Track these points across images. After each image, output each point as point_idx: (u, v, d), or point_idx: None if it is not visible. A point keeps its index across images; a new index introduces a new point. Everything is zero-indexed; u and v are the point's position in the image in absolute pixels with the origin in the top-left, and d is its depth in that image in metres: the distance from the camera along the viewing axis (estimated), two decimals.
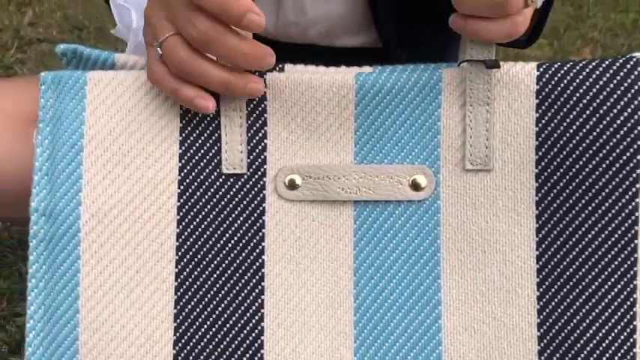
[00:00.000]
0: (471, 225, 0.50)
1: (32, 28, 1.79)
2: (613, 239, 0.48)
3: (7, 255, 1.02)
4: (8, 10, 1.85)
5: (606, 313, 0.49)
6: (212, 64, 0.49)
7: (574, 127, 0.49)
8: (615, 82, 0.48)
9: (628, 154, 0.48)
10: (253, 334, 0.51)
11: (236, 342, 0.51)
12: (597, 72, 0.49)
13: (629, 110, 0.48)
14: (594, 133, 0.48)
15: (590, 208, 0.49)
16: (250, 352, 0.51)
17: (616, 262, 0.48)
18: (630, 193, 0.48)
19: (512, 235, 0.50)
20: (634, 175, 0.48)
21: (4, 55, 1.67)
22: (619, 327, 0.48)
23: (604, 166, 0.48)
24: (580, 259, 0.49)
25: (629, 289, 0.48)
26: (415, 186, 0.50)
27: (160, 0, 0.50)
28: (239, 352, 0.51)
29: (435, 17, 0.75)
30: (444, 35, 0.82)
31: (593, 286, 0.49)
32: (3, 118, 0.80)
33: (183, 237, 0.51)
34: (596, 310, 0.49)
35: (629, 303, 0.48)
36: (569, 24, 1.84)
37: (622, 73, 0.48)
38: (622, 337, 0.48)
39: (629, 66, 0.48)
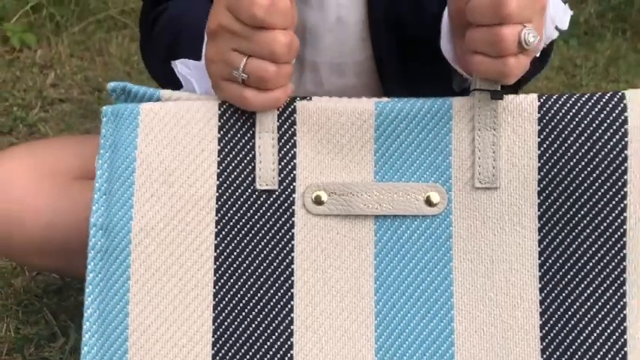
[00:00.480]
0: (480, 237, 0.55)
1: (54, 89, 1.84)
2: (605, 249, 0.54)
3: (34, 303, 1.04)
4: (32, 71, 1.91)
5: (600, 315, 0.54)
6: (288, 64, 0.56)
7: (571, 150, 0.55)
8: (605, 112, 0.55)
9: (617, 174, 0.54)
10: (284, 336, 0.55)
11: (269, 343, 0.55)
12: (590, 103, 0.55)
13: (617, 137, 0.54)
14: (588, 156, 0.55)
15: (585, 221, 0.54)
16: (281, 352, 0.55)
17: (607, 269, 0.54)
18: (619, 208, 0.54)
19: (517, 246, 0.55)
20: (622, 192, 0.54)
21: (27, 114, 1.72)
22: (611, 327, 0.54)
23: (597, 184, 0.54)
24: (577, 267, 0.55)
25: (619, 293, 0.54)
26: (429, 202, 0.56)
27: (220, 36, 0.56)
28: (271, 352, 0.55)
29: (439, 81, 0.82)
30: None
31: (589, 291, 0.54)
32: (46, 173, 0.87)
33: (220, 248, 0.56)
34: (591, 312, 0.54)
35: (619, 306, 0.54)
36: (563, 92, 1.92)
37: (611, 105, 0.55)
38: (614, 337, 0.54)
39: (616, 99, 0.55)
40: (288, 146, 0.57)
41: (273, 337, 0.56)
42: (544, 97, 0.56)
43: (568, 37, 2.30)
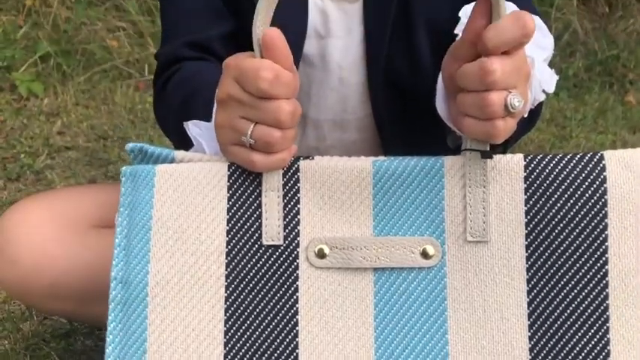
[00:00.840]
0: (473, 288, 0.59)
1: (61, 136, 1.88)
2: (589, 299, 0.58)
3: (42, 347, 1.07)
4: (39, 119, 1.95)
5: None
6: (292, 129, 0.60)
7: (556, 207, 0.59)
8: (586, 171, 0.59)
9: (598, 229, 0.58)
10: None
11: None
12: (572, 163, 0.59)
13: (598, 194, 0.59)
14: (571, 212, 0.59)
15: (570, 273, 0.58)
16: None
17: (592, 319, 0.58)
18: (602, 260, 0.58)
19: (507, 296, 0.59)
20: (604, 246, 0.58)
21: (34, 161, 1.75)
22: None
23: (580, 238, 0.58)
24: (563, 316, 0.58)
25: (603, 341, 0.57)
26: (425, 255, 0.59)
27: (229, 104, 0.59)
28: None
29: (436, 139, 0.87)
30: (445, 154, 0.94)
31: (574, 340, 0.58)
32: (65, 222, 0.90)
33: (230, 300, 0.60)
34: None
35: (603, 354, 0.57)
36: (554, 143, 1.95)
37: (591, 165, 0.59)
38: None
39: (595, 159, 0.59)
40: (292, 203, 0.61)
41: None
42: (529, 157, 0.60)
43: (558, 90, 2.37)
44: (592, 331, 0.58)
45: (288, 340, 0.59)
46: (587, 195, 0.59)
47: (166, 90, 0.85)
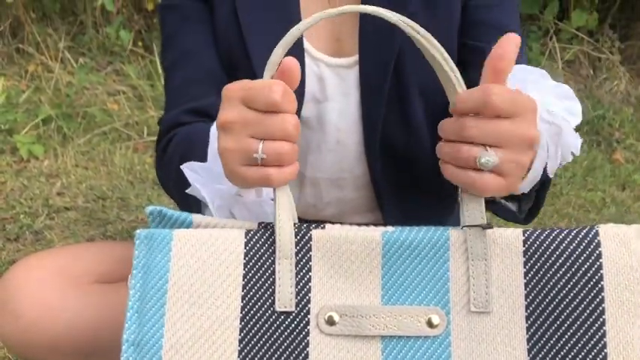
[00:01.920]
0: (476, 356, 0.61)
1: (60, 197, 1.91)
2: None
3: None
4: (39, 181, 1.98)
5: None
6: (296, 145, 0.63)
7: (553, 280, 0.61)
8: (582, 246, 0.62)
9: (595, 302, 0.60)
10: None
11: None
12: (569, 238, 0.62)
13: (594, 269, 0.61)
14: (569, 286, 0.61)
15: (569, 344, 0.60)
16: None
17: None
18: (600, 333, 0.60)
19: None
20: (601, 319, 0.60)
21: (34, 221, 1.76)
22: None
23: (578, 310, 0.61)
24: None
25: None
26: (430, 324, 0.61)
27: (233, 127, 0.62)
28: None
29: (431, 198, 0.90)
30: (439, 212, 0.96)
31: None
32: (68, 279, 0.92)
33: None
34: None
35: None
36: (546, 200, 2.01)
37: (587, 240, 0.62)
38: None
39: (591, 235, 0.62)
40: (304, 271, 0.63)
41: None
42: (528, 232, 0.63)
43: None
44: None
45: None
46: (583, 269, 0.61)
47: (166, 152, 0.88)
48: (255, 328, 0.62)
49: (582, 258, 0.61)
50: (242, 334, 0.62)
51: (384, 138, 0.88)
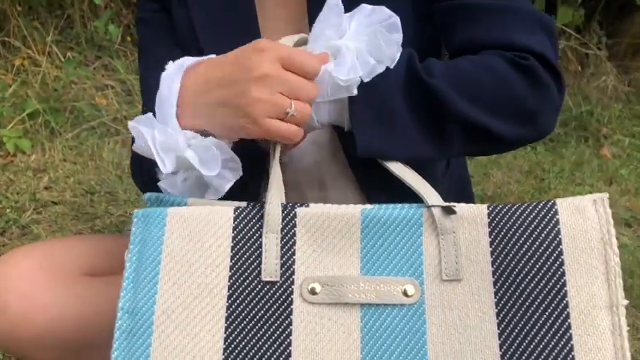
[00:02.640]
0: (450, 322, 0.65)
1: (47, 191, 1.90)
2: (553, 329, 0.63)
3: None
4: (26, 175, 1.97)
5: None
6: None
7: (516, 247, 0.66)
8: (541, 216, 0.66)
9: (555, 265, 0.65)
10: None
11: None
12: (529, 209, 0.67)
13: (552, 235, 0.66)
14: (530, 252, 0.65)
15: (534, 305, 0.64)
16: None
17: (558, 347, 0.63)
18: (562, 293, 0.64)
19: (480, 329, 0.64)
20: (562, 280, 0.64)
21: (20, 216, 1.75)
22: None
23: (540, 273, 0.65)
24: (532, 345, 0.64)
25: None
26: (406, 293, 0.66)
27: (272, 80, 0.67)
28: None
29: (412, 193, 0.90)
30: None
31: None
32: (55, 271, 0.91)
33: (229, 330, 0.65)
34: None
35: None
36: (533, 195, 2.02)
37: (545, 210, 0.67)
38: None
39: (549, 205, 0.67)
40: (289, 245, 0.67)
41: None
42: (492, 207, 0.68)
43: (536, 144, 2.44)
44: (559, 358, 0.63)
45: None
46: (542, 236, 0.66)
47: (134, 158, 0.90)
48: (242, 296, 0.65)
49: (542, 226, 0.66)
50: (229, 302, 0.65)
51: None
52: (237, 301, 0.65)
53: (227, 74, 0.69)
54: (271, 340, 0.64)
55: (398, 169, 0.71)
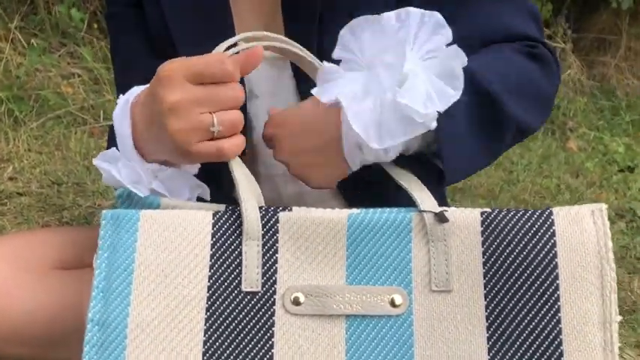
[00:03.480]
0: (438, 335, 0.62)
1: (12, 182, 1.84)
2: (544, 345, 0.61)
3: None
4: None
5: None
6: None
7: (510, 258, 0.63)
8: (537, 225, 0.64)
9: (550, 279, 0.63)
10: None
11: None
12: (524, 218, 0.64)
13: (548, 246, 0.63)
14: (525, 263, 0.63)
15: (526, 319, 0.62)
16: None
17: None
18: (555, 308, 0.62)
19: (469, 343, 0.62)
20: (556, 294, 0.62)
21: None
22: None
23: (534, 287, 0.63)
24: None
25: None
26: (393, 304, 0.63)
27: (182, 106, 0.63)
28: None
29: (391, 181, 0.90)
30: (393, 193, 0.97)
31: None
32: (25, 265, 0.90)
33: (208, 343, 0.62)
34: None
35: None
36: (502, 187, 2.02)
37: (542, 219, 0.64)
38: None
39: (545, 215, 0.65)
40: (270, 252, 0.64)
41: None
42: (486, 213, 0.65)
43: None
44: None
45: None
46: (538, 247, 0.63)
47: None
48: (222, 308, 0.63)
49: (537, 236, 0.63)
50: (208, 314, 0.62)
51: None
52: (217, 313, 0.62)
53: (148, 110, 0.67)
54: (252, 354, 0.62)
55: (393, 170, 0.69)
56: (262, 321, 0.63)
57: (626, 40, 2.87)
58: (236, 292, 0.63)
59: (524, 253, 0.63)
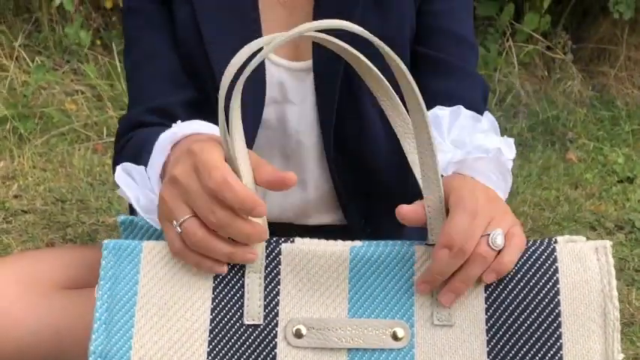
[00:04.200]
0: None
1: (17, 200, 1.86)
2: None
3: None
4: None
5: None
6: (222, 241, 0.62)
7: (513, 293, 0.64)
8: (540, 261, 0.64)
9: (552, 316, 0.63)
10: None
11: None
12: (527, 254, 0.64)
13: (551, 283, 0.64)
14: (527, 300, 0.63)
15: (528, 356, 0.62)
16: None
17: None
18: (557, 345, 0.62)
19: None
20: (558, 332, 0.63)
21: None
22: None
23: (536, 324, 0.63)
24: None
25: None
26: (395, 337, 0.63)
27: (178, 186, 0.62)
28: None
29: (391, 198, 0.92)
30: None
31: None
32: (30, 284, 0.91)
33: None
34: None
35: None
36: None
37: (544, 256, 0.64)
38: None
39: (549, 250, 0.65)
40: (272, 284, 0.64)
41: None
42: None
43: None
44: None
45: None
46: (540, 284, 0.64)
47: (122, 154, 0.87)
48: (224, 341, 0.63)
49: (540, 273, 0.64)
50: (211, 347, 0.63)
51: (338, 138, 0.90)
52: (219, 346, 0.63)
53: (168, 161, 0.69)
54: None
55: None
56: (264, 353, 0.63)
57: (625, 50, 2.88)
58: (238, 324, 0.63)
59: (527, 289, 0.63)
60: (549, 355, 0.62)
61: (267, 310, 0.64)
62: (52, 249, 1.31)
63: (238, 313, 0.64)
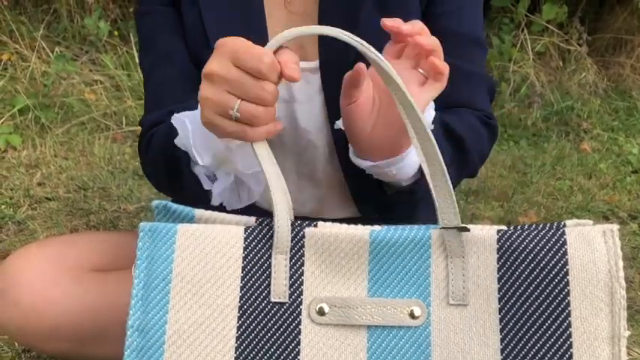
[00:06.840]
0: (454, 346, 0.66)
1: (41, 188, 1.90)
2: (557, 357, 0.65)
3: None
4: (18, 171, 1.97)
5: None
6: (273, 109, 0.68)
7: (524, 274, 0.67)
8: (550, 244, 0.67)
9: (561, 295, 0.66)
10: None
11: None
12: (538, 237, 0.68)
13: (560, 264, 0.67)
14: (537, 280, 0.67)
15: (538, 333, 0.66)
16: None
17: None
18: (566, 323, 0.66)
19: (483, 354, 0.66)
20: (567, 310, 0.66)
21: (16, 212, 1.76)
22: None
23: (546, 303, 0.66)
24: None
25: None
26: (412, 315, 0.67)
27: (217, 79, 0.67)
28: None
29: (402, 191, 0.95)
30: (410, 207, 1.02)
31: None
32: (63, 266, 0.95)
33: (239, 350, 0.66)
34: None
35: None
36: (516, 189, 2.04)
37: (555, 238, 0.68)
38: None
39: (559, 233, 0.68)
40: (297, 265, 0.68)
41: None
42: (502, 231, 0.68)
43: (519, 139, 2.49)
44: None
45: None
46: (550, 265, 0.67)
47: (149, 151, 0.91)
48: (252, 317, 0.67)
49: (550, 255, 0.67)
50: (240, 322, 0.67)
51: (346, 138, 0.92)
52: (247, 322, 0.67)
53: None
54: (281, 359, 0.66)
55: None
56: (289, 329, 0.67)
57: None
58: (265, 302, 0.67)
59: (537, 270, 0.67)
60: (559, 331, 0.65)
61: (292, 289, 0.68)
62: (80, 234, 1.36)
63: (265, 292, 0.67)
